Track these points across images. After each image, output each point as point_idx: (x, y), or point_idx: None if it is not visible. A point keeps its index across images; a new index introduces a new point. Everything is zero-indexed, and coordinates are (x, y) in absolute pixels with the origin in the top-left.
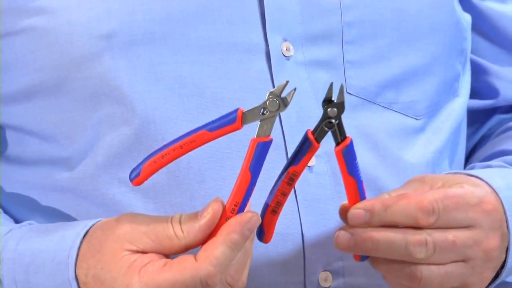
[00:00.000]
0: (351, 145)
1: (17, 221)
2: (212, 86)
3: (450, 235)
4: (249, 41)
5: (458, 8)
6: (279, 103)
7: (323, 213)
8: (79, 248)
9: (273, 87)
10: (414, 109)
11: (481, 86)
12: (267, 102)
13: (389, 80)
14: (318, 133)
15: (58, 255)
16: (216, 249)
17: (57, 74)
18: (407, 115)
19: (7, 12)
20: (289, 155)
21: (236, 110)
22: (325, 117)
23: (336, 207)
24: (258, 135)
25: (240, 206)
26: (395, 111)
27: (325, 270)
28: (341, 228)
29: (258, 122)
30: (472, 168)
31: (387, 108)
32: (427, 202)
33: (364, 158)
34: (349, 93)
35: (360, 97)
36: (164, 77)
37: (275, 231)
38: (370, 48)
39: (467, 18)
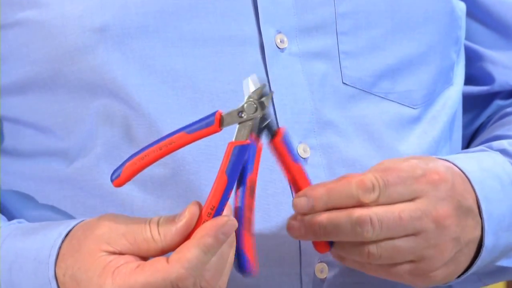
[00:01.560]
0: (287, 133)
1: (13, 213)
2: (206, 79)
3: (396, 210)
4: (242, 33)
5: None
6: (256, 106)
7: None
8: (60, 248)
9: (268, 79)
10: (410, 98)
11: (476, 73)
12: (245, 105)
13: (385, 69)
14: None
15: (40, 254)
16: (188, 251)
17: (51, 67)
18: (404, 105)
19: (1, 5)
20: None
21: (214, 113)
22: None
23: None
24: (236, 139)
25: (217, 210)
26: (392, 100)
27: (321, 262)
28: (290, 217)
29: (237, 125)
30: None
31: (384, 98)
32: (367, 179)
33: (359, 149)
34: (345, 83)
35: (356, 88)
36: (158, 70)
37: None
38: (365, 38)
39: (461, 7)
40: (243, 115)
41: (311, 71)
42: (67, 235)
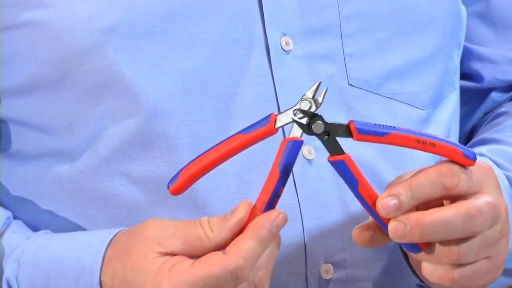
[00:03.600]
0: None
1: (14, 216)
2: (213, 80)
3: (484, 199)
4: (249, 36)
5: None
6: (311, 104)
7: (323, 205)
8: (104, 254)
9: (273, 81)
10: (418, 99)
11: (465, 71)
12: (300, 104)
13: (391, 71)
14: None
15: (82, 261)
16: (244, 243)
17: (58, 68)
18: (412, 105)
19: (7, 5)
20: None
21: (269, 114)
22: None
23: (336, 199)
24: (290, 136)
25: (267, 205)
26: (400, 101)
27: (326, 262)
28: (391, 220)
29: (293, 123)
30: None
31: (392, 98)
32: (444, 165)
33: (365, 151)
34: (351, 84)
35: (362, 89)
36: (166, 70)
37: None
38: (369, 40)
39: (464, 10)
40: (298, 113)
41: (317, 73)
42: (110, 241)
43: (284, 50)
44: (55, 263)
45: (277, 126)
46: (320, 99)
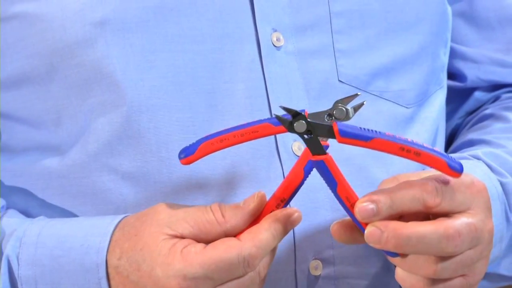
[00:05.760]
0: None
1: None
2: (204, 75)
3: (469, 221)
4: (240, 31)
5: None
6: (346, 112)
7: (313, 202)
8: (112, 235)
9: (264, 77)
10: (404, 97)
11: (449, 70)
12: (335, 110)
13: (379, 68)
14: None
15: (89, 240)
16: (261, 233)
17: (49, 61)
18: (398, 104)
19: None
20: (280, 149)
21: (303, 110)
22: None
23: (326, 195)
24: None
25: (286, 203)
26: (386, 99)
27: (315, 259)
28: (370, 225)
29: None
30: None
31: (379, 96)
32: (430, 183)
33: (354, 148)
34: (341, 81)
35: (352, 86)
36: (157, 65)
37: None
38: (360, 37)
39: (450, 9)
40: (330, 118)
41: (307, 69)
42: (118, 223)
43: (275, 46)
44: (60, 242)
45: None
46: (353, 110)
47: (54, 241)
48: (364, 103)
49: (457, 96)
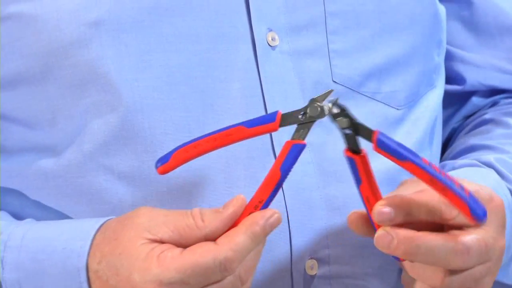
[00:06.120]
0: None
1: None
2: (199, 75)
3: (480, 237)
4: (235, 31)
5: None
6: (320, 110)
7: (309, 201)
8: (93, 239)
9: (259, 77)
10: (395, 99)
11: (447, 72)
12: (308, 108)
13: (372, 69)
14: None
15: (70, 244)
16: (237, 236)
17: (44, 61)
18: (389, 105)
19: None
20: (275, 148)
21: (276, 112)
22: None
23: (322, 195)
24: (293, 138)
25: (264, 204)
26: (378, 101)
27: (311, 258)
28: (381, 228)
29: (295, 126)
30: (443, 166)
31: (371, 98)
32: None
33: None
34: (334, 81)
35: (345, 86)
36: (152, 65)
37: None
38: (354, 38)
39: (443, 9)
40: (304, 116)
41: (302, 69)
42: (99, 227)
43: (270, 45)
44: (43, 245)
45: (281, 126)
46: (328, 107)
47: (37, 244)
48: (338, 98)
49: (455, 101)
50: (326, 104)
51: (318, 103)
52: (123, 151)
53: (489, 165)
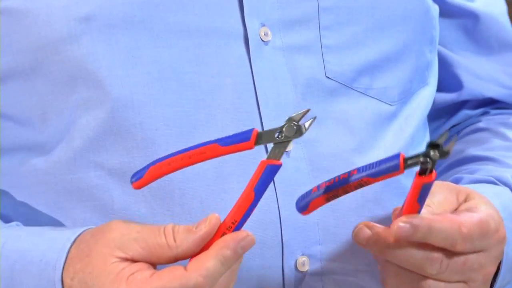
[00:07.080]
0: (432, 183)
1: None
2: (191, 71)
3: (462, 256)
4: (227, 26)
5: None
6: (296, 129)
7: None
8: (68, 252)
9: (252, 72)
10: (387, 95)
11: (444, 76)
12: (284, 127)
13: (365, 65)
14: (409, 163)
15: (47, 256)
16: (207, 261)
17: (34, 57)
18: (382, 101)
19: None
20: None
21: (251, 130)
22: (426, 154)
23: None
24: (269, 157)
25: (238, 225)
26: (371, 96)
27: (302, 255)
28: (362, 223)
29: (272, 145)
30: (460, 179)
31: (363, 93)
32: (467, 229)
33: (340, 144)
34: (327, 77)
35: (338, 82)
36: (143, 61)
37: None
38: (346, 33)
39: (436, 7)
40: (280, 136)
41: (295, 64)
42: (75, 240)
43: (263, 41)
44: (21, 256)
45: (257, 144)
46: (305, 126)
47: (16, 254)
48: (315, 118)
49: (445, 113)
50: (303, 124)
51: (294, 123)
52: (114, 148)
53: (505, 183)
